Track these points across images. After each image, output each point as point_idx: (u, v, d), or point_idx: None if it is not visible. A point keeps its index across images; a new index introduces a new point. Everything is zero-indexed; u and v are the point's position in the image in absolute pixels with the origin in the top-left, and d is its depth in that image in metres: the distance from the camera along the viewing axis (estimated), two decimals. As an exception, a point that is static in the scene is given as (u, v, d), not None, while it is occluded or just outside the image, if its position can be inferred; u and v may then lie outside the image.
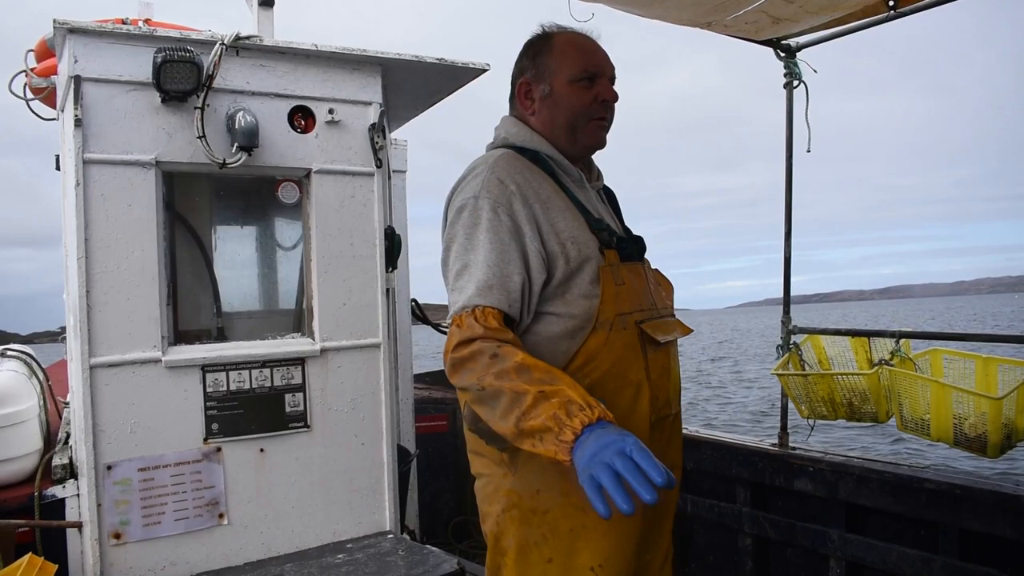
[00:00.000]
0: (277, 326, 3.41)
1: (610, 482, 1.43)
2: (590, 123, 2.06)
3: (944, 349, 3.55)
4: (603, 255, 1.95)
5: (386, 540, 3.28)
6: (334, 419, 3.29)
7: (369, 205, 3.38)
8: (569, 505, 1.92)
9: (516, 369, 1.68)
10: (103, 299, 2.89)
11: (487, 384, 1.70)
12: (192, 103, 2.98)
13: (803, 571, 3.72)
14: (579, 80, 2.05)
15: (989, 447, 3.08)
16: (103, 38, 2.89)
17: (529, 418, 1.62)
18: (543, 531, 1.95)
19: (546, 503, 1.94)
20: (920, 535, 3.26)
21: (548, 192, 1.98)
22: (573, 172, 2.08)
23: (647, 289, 2.03)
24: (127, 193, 2.93)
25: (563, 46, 2.09)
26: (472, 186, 1.95)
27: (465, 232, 1.90)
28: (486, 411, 1.76)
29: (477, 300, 1.80)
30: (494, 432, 1.82)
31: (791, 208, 4.09)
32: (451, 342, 1.79)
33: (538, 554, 1.96)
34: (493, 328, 1.76)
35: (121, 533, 2.92)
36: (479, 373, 1.72)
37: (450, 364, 1.79)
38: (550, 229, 1.92)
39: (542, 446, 1.59)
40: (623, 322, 1.92)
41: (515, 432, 1.65)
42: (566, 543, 1.94)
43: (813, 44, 3.89)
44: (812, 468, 3.61)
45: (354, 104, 3.35)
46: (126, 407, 2.93)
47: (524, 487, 1.96)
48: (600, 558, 1.92)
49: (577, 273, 1.91)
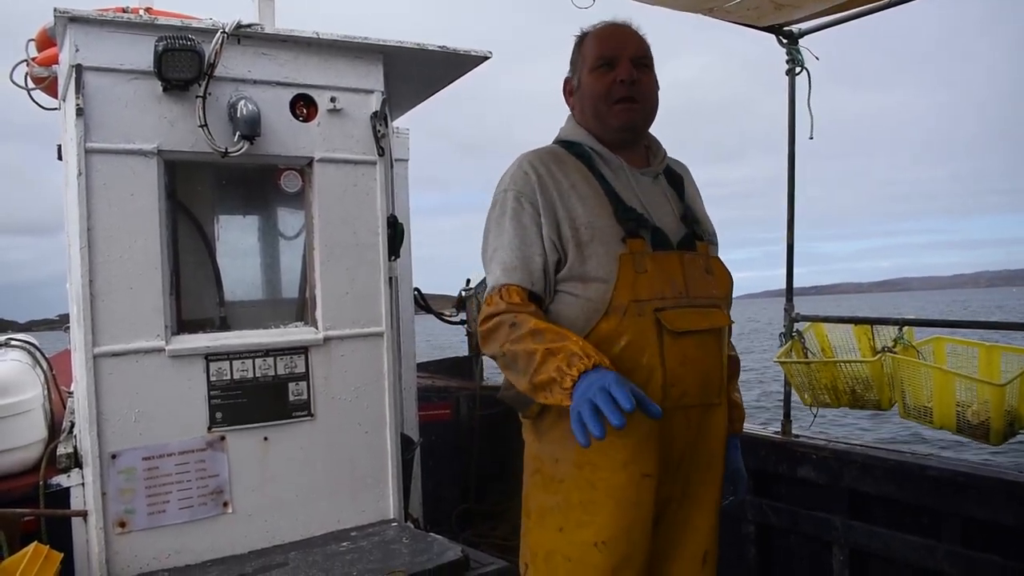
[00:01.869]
0: (280, 315, 3.41)
1: (588, 412, 1.61)
2: (612, 107, 2.10)
3: (947, 337, 3.54)
4: (625, 243, 1.99)
5: (390, 528, 3.29)
6: (338, 408, 3.30)
7: (371, 194, 3.38)
8: (581, 478, 1.98)
9: (531, 333, 1.85)
10: (106, 288, 2.89)
11: (507, 350, 1.89)
12: (194, 92, 2.97)
13: (806, 558, 3.73)
14: (598, 67, 2.11)
15: (992, 434, 3.08)
16: (104, 27, 2.88)
17: (539, 373, 1.80)
18: (558, 499, 2.02)
19: (562, 472, 2.02)
20: (923, 522, 3.26)
21: (575, 180, 2.06)
22: (613, 160, 2.12)
23: (680, 278, 2.03)
24: (129, 182, 2.93)
25: (588, 39, 2.16)
26: (504, 180, 2.10)
27: (495, 221, 2.07)
28: (511, 374, 1.94)
29: (503, 280, 1.98)
30: (518, 398, 2.03)
31: (794, 195, 4.08)
32: (480, 318, 1.99)
33: (552, 520, 2.04)
34: (515, 303, 1.94)
35: (126, 522, 2.93)
36: (500, 341, 1.91)
37: (480, 337, 2.00)
38: (566, 215, 2.01)
39: (551, 397, 1.79)
40: (639, 309, 1.95)
41: (530, 388, 1.85)
42: (576, 515, 1.99)
43: (815, 30, 3.87)
44: (815, 456, 3.61)
45: (356, 92, 3.34)
46: (130, 396, 2.93)
47: (546, 454, 2.07)
48: (604, 535, 1.95)
49: (591, 258, 1.98)
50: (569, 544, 1.99)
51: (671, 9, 3.48)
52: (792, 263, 4.13)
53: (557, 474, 2.03)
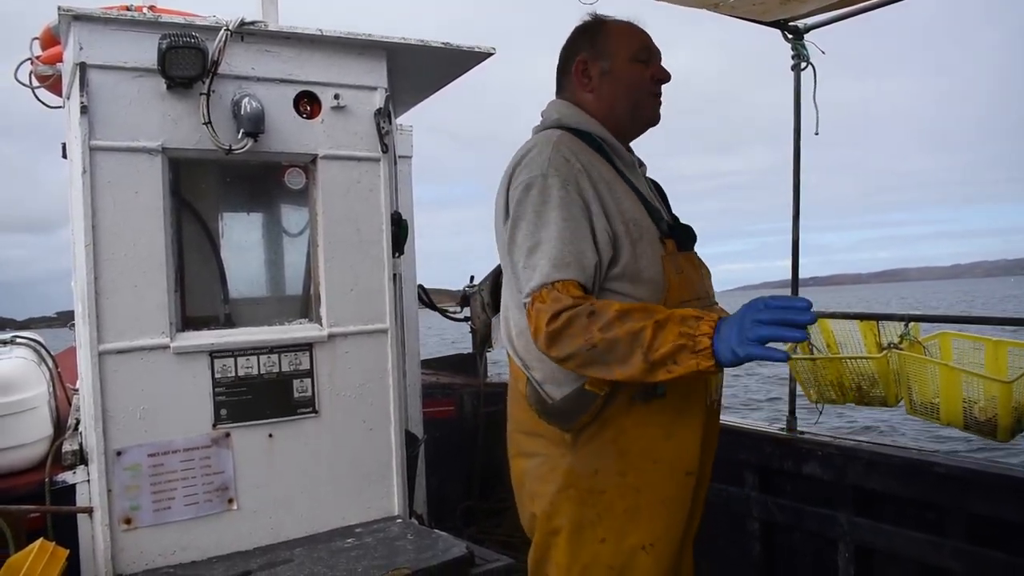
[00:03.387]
0: (284, 312, 3.41)
1: (772, 331, 1.56)
2: (649, 98, 2.12)
3: (953, 332, 3.53)
4: (663, 244, 1.99)
5: (395, 525, 3.29)
6: (342, 404, 3.30)
7: (375, 190, 3.38)
8: (625, 485, 1.96)
9: (619, 317, 1.74)
10: (111, 286, 2.89)
11: (597, 340, 1.74)
12: (198, 89, 2.97)
13: (811, 555, 3.72)
14: (640, 60, 2.11)
15: (999, 431, 3.07)
16: (108, 25, 2.88)
17: (656, 348, 1.68)
18: (598, 511, 1.98)
19: (603, 483, 1.98)
20: (929, 519, 3.25)
21: (610, 174, 2.01)
22: (626, 156, 2.12)
23: (698, 277, 2.06)
24: (134, 180, 2.93)
25: (621, 28, 2.15)
26: (537, 163, 1.95)
27: (535, 209, 1.91)
28: (600, 368, 1.78)
29: (556, 275, 1.84)
30: (566, 410, 1.92)
31: (799, 190, 4.07)
32: (542, 319, 1.81)
33: (592, 533, 1.99)
34: (578, 296, 1.82)
35: (131, 518, 2.93)
36: (584, 335, 1.76)
37: (547, 338, 1.81)
38: (616, 209, 1.94)
39: (680, 367, 1.67)
40: None
41: (646, 367, 1.70)
42: (620, 523, 1.97)
43: (821, 25, 3.85)
44: (820, 452, 3.61)
45: (360, 89, 3.33)
46: (135, 393, 2.93)
47: (583, 467, 1.99)
48: (652, 538, 1.96)
49: (641, 257, 1.94)
50: (613, 553, 1.97)
51: (677, 4, 3.47)
52: (797, 257, 4.12)
53: (597, 486, 1.99)
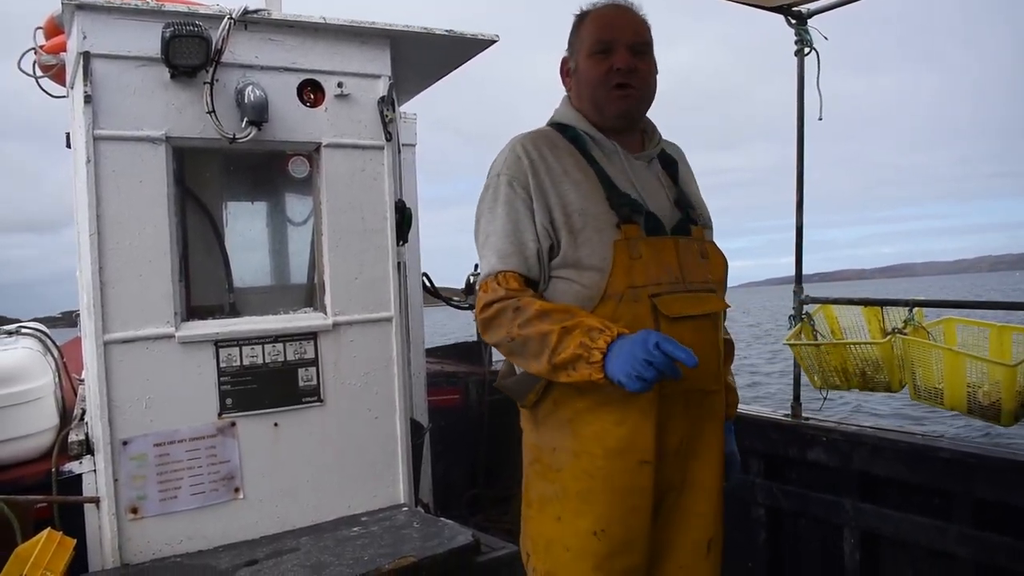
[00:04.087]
0: (289, 301, 3.41)
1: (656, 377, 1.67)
2: (610, 93, 2.07)
3: (957, 318, 3.52)
4: (619, 229, 1.97)
5: (400, 513, 3.30)
6: (347, 393, 3.30)
7: (379, 179, 3.37)
8: (578, 467, 1.99)
9: (538, 315, 1.86)
10: (116, 276, 2.90)
11: (515, 335, 1.89)
12: (201, 78, 2.97)
13: (817, 541, 3.73)
14: (596, 52, 2.08)
15: (1003, 415, 3.07)
16: (111, 14, 2.87)
17: (559, 353, 1.81)
18: (556, 488, 2.03)
19: (560, 462, 2.02)
20: (935, 504, 3.26)
21: (568, 165, 2.04)
22: (606, 145, 2.10)
23: (674, 263, 2.01)
24: (138, 169, 2.93)
25: (588, 21, 2.13)
26: (496, 164, 2.10)
27: (488, 207, 2.06)
28: (520, 360, 1.96)
29: (499, 267, 1.98)
30: (515, 387, 2.06)
31: (803, 179, 4.06)
32: (479, 307, 1.99)
33: (551, 510, 2.04)
34: (514, 288, 1.95)
35: (138, 508, 2.94)
36: (506, 327, 1.91)
37: (480, 325, 1.99)
38: (558, 202, 1.99)
39: (576, 374, 1.80)
40: (635, 295, 1.94)
41: (549, 368, 1.85)
42: (574, 504, 2.00)
43: (824, 11, 3.84)
44: (825, 438, 3.61)
45: (363, 77, 3.33)
46: (141, 383, 2.94)
47: (544, 443, 2.07)
48: (602, 523, 1.96)
49: (585, 245, 1.97)
50: (568, 534, 2.00)
51: (679, -9, 3.46)
52: (801, 246, 4.12)
53: (555, 463, 2.03)
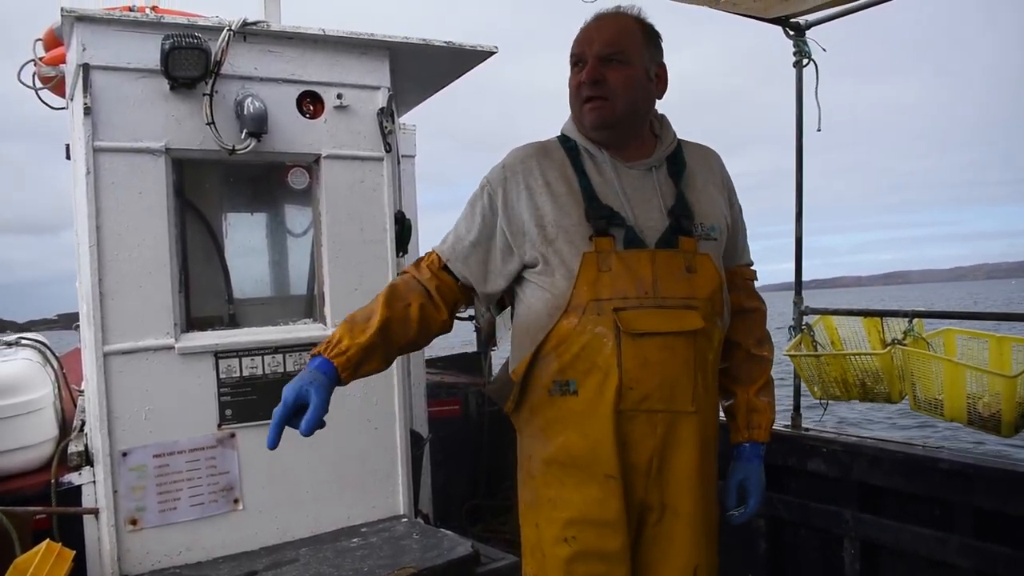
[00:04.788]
0: (289, 312, 3.42)
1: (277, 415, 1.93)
2: (582, 106, 2.07)
3: (957, 329, 3.51)
4: (591, 241, 1.97)
5: (400, 524, 3.29)
6: (347, 404, 3.29)
7: (379, 190, 3.38)
8: (550, 475, 2.03)
9: (362, 309, 2.07)
10: (115, 287, 2.90)
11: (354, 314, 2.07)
12: (201, 90, 2.97)
13: (817, 552, 3.72)
14: (572, 66, 2.11)
15: (1003, 426, 3.06)
16: (111, 25, 2.88)
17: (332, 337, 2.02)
18: (535, 495, 2.07)
19: (535, 469, 2.07)
20: (935, 514, 3.25)
21: (552, 178, 2.06)
22: (598, 156, 2.09)
23: (648, 277, 1.95)
24: (138, 181, 2.94)
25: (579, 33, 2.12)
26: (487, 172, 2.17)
27: (466, 206, 2.19)
28: None
29: (436, 246, 2.20)
30: (498, 392, 2.17)
31: (802, 188, 4.06)
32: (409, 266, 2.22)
33: (532, 515, 2.08)
34: (422, 270, 2.15)
35: (137, 519, 2.94)
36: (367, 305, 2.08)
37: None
38: (533, 213, 2.03)
39: None
40: (598, 308, 1.93)
41: None
42: (546, 511, 2.03)
43: (823, 22, 3.85)
44: (825, 449, 3.60)
45: (362, 89, 3.34)
46: (140, 394, 2.94)
47: (524, 451, 2.13)
48: (572, 531, 1.98)
49: (555, 256, 1.99)
50: (544, 540, 2.03)
51: (679, 2, 3.47)
52: (800, 256, 4.11)
53: (532, 470, 2.07)
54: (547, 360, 2.00)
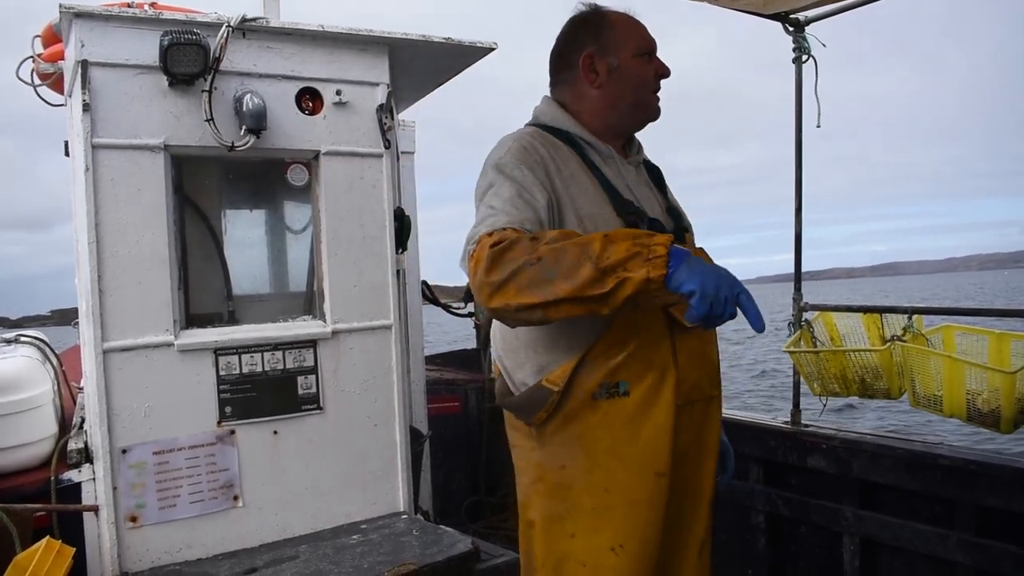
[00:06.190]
0: (288, 309, 3.41)
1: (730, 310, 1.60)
2: (651, 96, 2.11)
3: (957, 325, 3.52)
4: None
5: (400, 521, 3.29)
6: (347, 401, 3.30)
7: (378, 186, 3.37)
8: (592, 483, 1.95)
9: (563, 235, 1.72)
10: (115, 284, 2.90)
11: (543, 252, 1.68)
12: (199, 86, 2.97)
13: (817, 548, 3.72)
14: (642, 54, 2.10)
15: (1002, 422, 3.07)
16: (109, 22, 2.88)
17: (606, 257, 1.62)
18: (567, 506, 1.98)
19: (570, 479, 1.97)
20: (935, 511, 3.25)
21: (573, 169, 2.01)
22: (603, 150, 2.09)
23: None
24: (136, 177, 2.93)
25: (623, 22, 2.12)
26: (498, 153, 1.98)
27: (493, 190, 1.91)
28: (541, 286, 1.68)
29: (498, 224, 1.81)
30: (523, 404, 1.96)
31: (801, 184, 4.06)
32: (484, 247, 1.76)
33: (561, 528, 1.99)
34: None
35: (137, 516, 2.94)
36: (525, 253, 1.70)
37: (489, 260, 1.73)
38: (569, 204, 1.95)
39: (629, 272, 1.61)
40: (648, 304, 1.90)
41: (596, 275, 1.63)
42: (589, 520, 1.96)
43: (821, 18, 3.85)
44: (825, 445, 3.60)
45: (361, 85, 3.33)
46: (140, 391, 2.94)
47: (550, 461, 2.00)
48: (621, 539, 1.93)
49: None
50: (584, 550, 1.96)
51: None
52: (800, 251, 4.11)
53: (564, 480, 1.99)
54: (595, 363, 1.92)
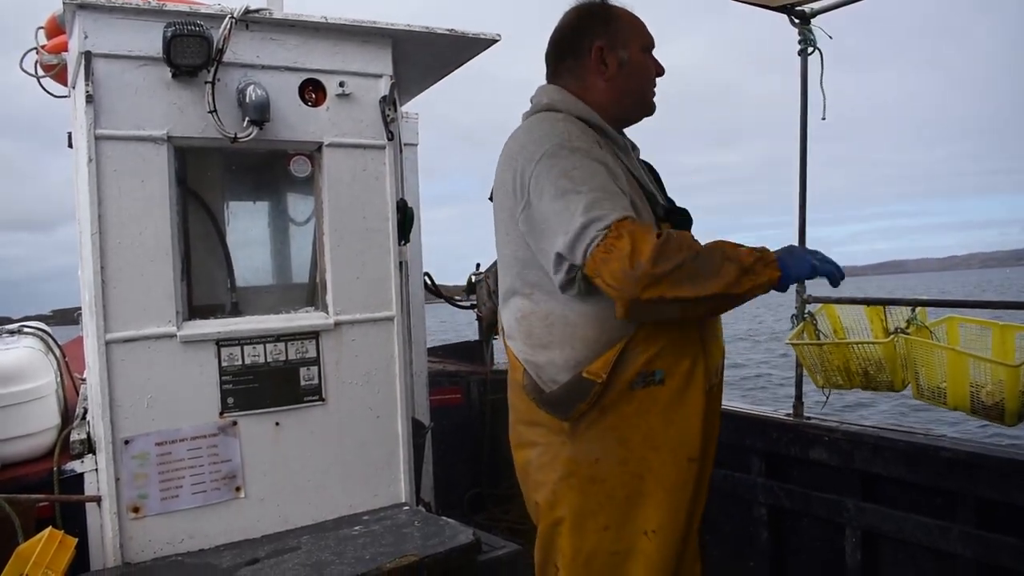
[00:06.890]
0: (291, 300, 3.41)
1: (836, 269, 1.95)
2: (653, 89, 2.16)
3: (960, 317, 3.52)
4: (659, 227, 1.98)
5: (402, 512, 3.29)
6: (349, 392, 3.30)
7: (381, 178, 3.37)
8: (626, 473, 1.98)
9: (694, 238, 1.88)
10: (118, 275, 2.90)
11: (699, 248, 1.83)
12: (203, 77, 2.96)
13: (819, 541, 3.72)
14: (648, 50, 2.15)
15: (1007, 415, 3.06)
16: (113, 13, 2.87)
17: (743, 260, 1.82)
18: (599, 499, 2.00)
19: (604, 472, 1.99)
20: (937, 504, 3.25)
21: (608, 157, 2.01)
22: (620, 141, 2.11)
23: None
24: (140, 169, 2.93)
25: (629, 16, 2.15)
26: (551, 136, 1.95)
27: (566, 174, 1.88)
28: (700, 280, 1.78)
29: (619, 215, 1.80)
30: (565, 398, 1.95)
31: (806, 178, 4.06)
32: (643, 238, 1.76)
33: (594, 522, 2.01)
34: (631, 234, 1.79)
35: (139, 507, 2.94)
36: (686, 247, 1.80)
37: (657, 251, 1.75)
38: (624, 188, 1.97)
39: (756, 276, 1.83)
40: None
41: (739, 274, 1.81)
42: (622, 510, 1.99)
43: (827, 10, 3.83)
44: (827, 438, 3.60)
45: (365, 77, 3.32)
46: (142, 382, 2.94)
47: (583, 455, 2.00)
48: (655, 524, 1.97)
49: None
50: (617, 540, 1.99)
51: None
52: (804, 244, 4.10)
53: (598, 474, 1.99)
54: (635, 353, 1.93)
